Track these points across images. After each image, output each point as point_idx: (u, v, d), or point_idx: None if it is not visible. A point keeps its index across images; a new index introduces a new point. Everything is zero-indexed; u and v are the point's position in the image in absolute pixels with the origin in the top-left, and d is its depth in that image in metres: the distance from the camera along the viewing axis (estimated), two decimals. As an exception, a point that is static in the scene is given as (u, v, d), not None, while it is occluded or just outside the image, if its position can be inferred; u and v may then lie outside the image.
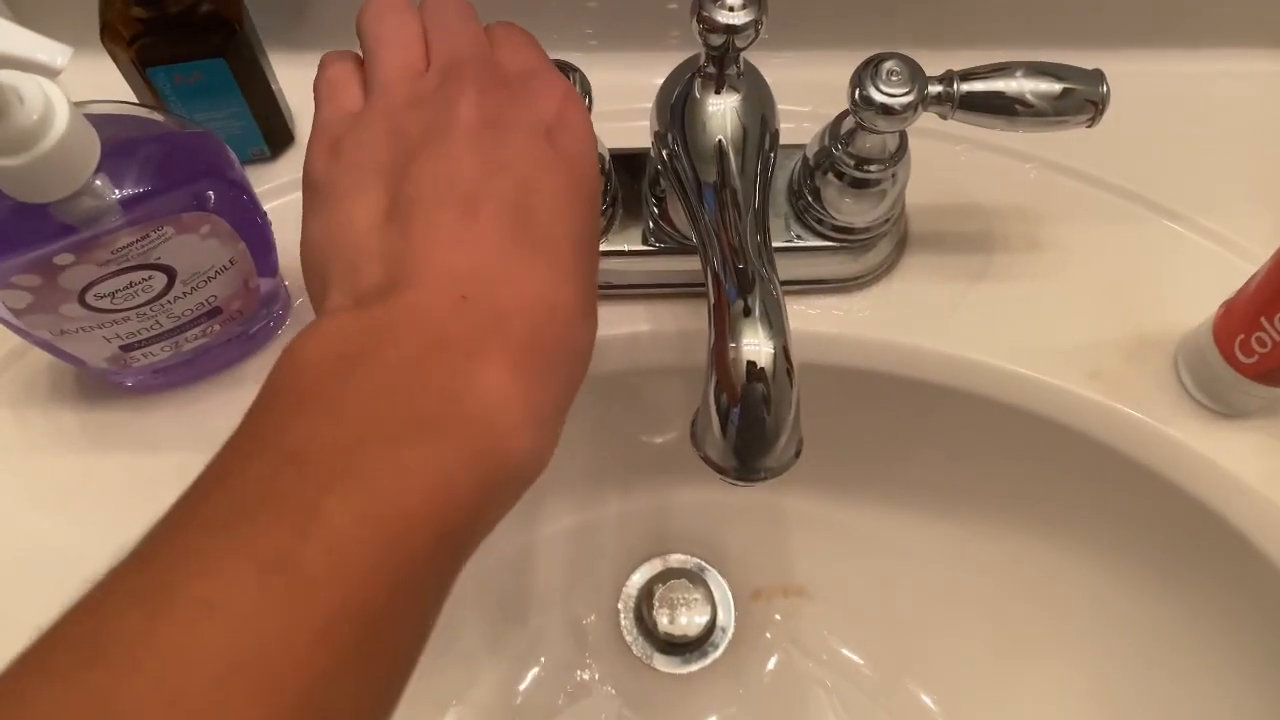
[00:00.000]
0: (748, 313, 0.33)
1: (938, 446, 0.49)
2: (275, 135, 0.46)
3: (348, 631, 0.21)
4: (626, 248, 0.43)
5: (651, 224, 0.43)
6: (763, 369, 0.33)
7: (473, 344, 0.26)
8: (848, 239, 0.43)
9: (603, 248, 0.43)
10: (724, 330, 0.33)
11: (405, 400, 0.24)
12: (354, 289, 0.27)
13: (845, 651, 0.54)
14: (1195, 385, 0.43)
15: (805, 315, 0.45)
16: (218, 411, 0.42)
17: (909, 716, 0.52)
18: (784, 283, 0.44)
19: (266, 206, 0.41)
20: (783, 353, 0.33)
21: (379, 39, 0.33)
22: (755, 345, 0.33)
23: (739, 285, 0.34)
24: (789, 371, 0.33)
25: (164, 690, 0.19)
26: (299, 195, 0.47)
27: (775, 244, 0.43)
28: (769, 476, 0.34)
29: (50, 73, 0.26)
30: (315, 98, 0.34)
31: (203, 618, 0.20)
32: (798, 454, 0.34)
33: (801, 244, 0.43)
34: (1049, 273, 0.46)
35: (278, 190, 0.46)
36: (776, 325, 0.33)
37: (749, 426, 0.33)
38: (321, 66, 0.34)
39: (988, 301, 0.45)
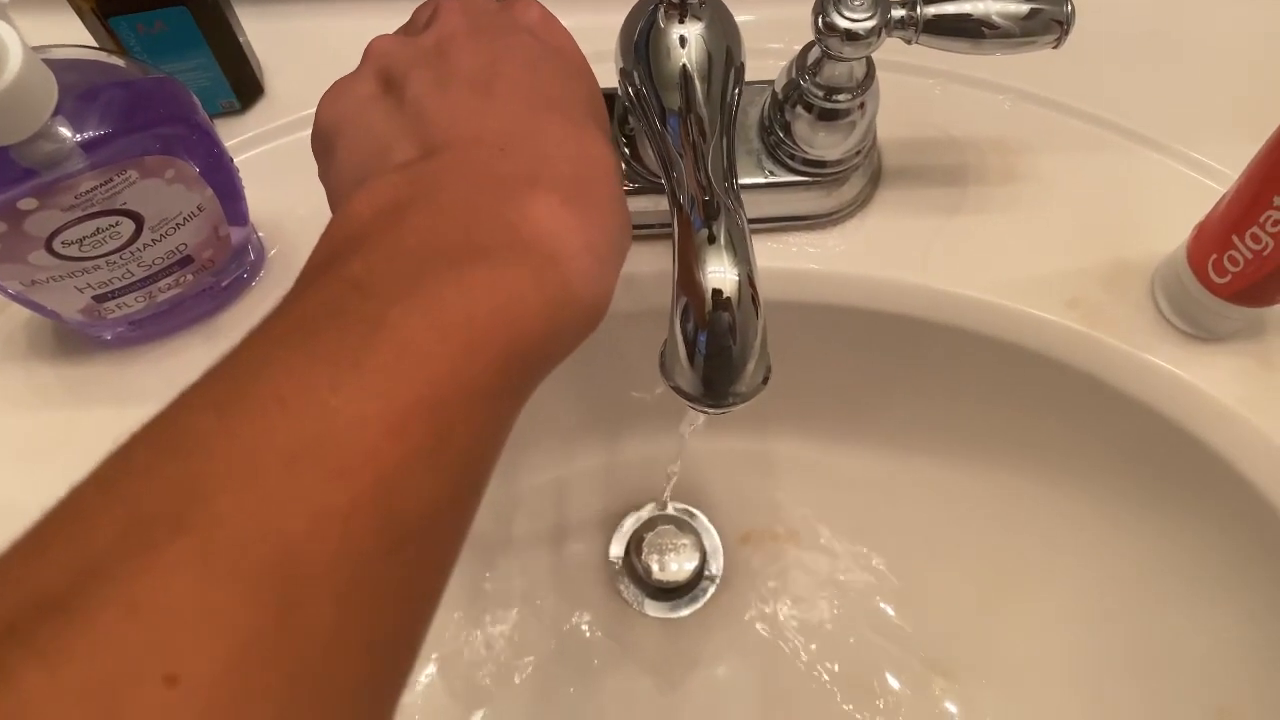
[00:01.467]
0: (712, 240, 0.33)
1: (917, 382, 0.49)
2: (244, 87, 0.46)
3: (421, 427, 0.21)
4: (598, 188, 0.43)
5: (622, 165, 0.43)
6: (728, 297, 0.33)
7: (522, 181, 0.26)
8: (820, 173, 0.43)
9: (574, 189, 0.43)
10: (689, 259, 0.33)
11: (463, 231, 0.25)
12: (389, 164, 0.28)
13: (834, 592, 0.54)
14: (1172, 310, 0.43)
15: (780, 252, 0.45)
16: (196, 363, 0.41)
17: (900, 655, 0.52)
18: (758, 220, 0.44)
19: (239, 159, 0.41)
20: (748, 280, 0.33)
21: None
22: (720, 272, 0.33)
23: (704, 214, 0.33)
24: (754, 299, 0.33)
25: (240, 473, 0.19)
26: (272, 147, 0.47)
27: (748, 181, 0.43)
28: (738, 402, 0.34)
29: (-4, 6, 0.26)
30: None
31: (275, 411, 0.20)
32: (765, 380, 0.34)
33: (774, 180, 0.43)
34: (1025, 204, 0.45)
35: (250, 142, 0.46)
36: (741, 253, 0.33)
37: (716, 354, 0.33)
38: None
39: (964, 234, 0.45)
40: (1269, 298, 0.40)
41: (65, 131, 0.32)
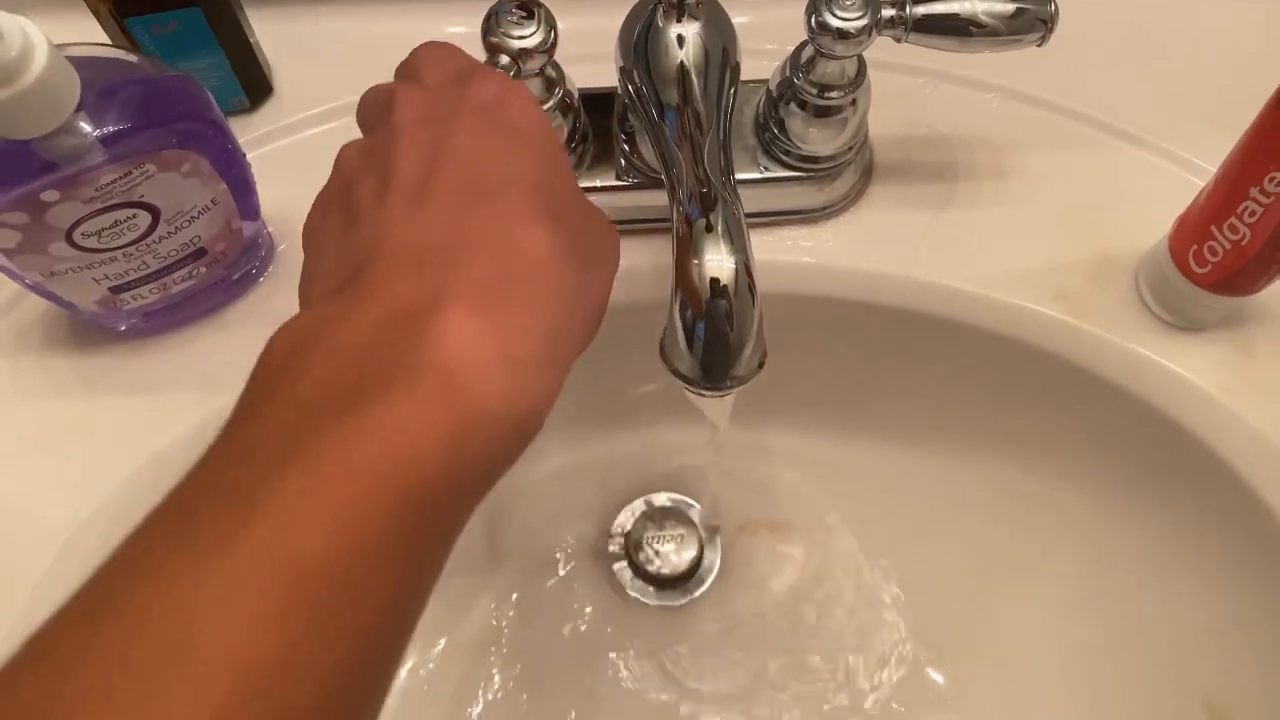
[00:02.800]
0: (709, 229, 0.34)
1: (908, 374, 0.50)
2: (254, 86, 0.47)
3: (301, 610, 0.20)
4: (599, 183, 0.44)
5: (623, 161, 0.45)
6: (725, 285, 0.34)
7: (427, 302, 0.25)
8: (814, 168, 0.44)
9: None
10: (687, 248, 0.34)
11: (355, 371, 0.24)
12: (325, 290, 0.27)
13: (828, 584, 0.55)
14: (1155, 301, 0.44)
15: (775, 245, 0.46)
16: (206, 354, 0.43)
17: (892, 642, 0.54)
18: (754, 215, 0.46)
19: (249, 156, 0.42)
20: (744, 268, 0.34)
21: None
22: (718, 261, 0.34)
23: (701, 204, 0.35)
24: (751, 286, 0.34)
25: (107, 687, 0.19)
26: (281, 145, 0.49)
27: (744, 176, 0.44)
28: (736, 385, 0.35)
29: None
30: None
31: (139, 617, 0.20)
32: (762, 364, 0.35)
33: (769, 175, 0.44)
34: (1013, 199, 0.47)
35: (260, 140, 0.47)
36: (738, 242, 0.34)
37: (714, 340, 0.35)
38: None
39: (953, 228, 0.46)
40: (1248, 287, 0.41)
41: (86, 126, 0.33)
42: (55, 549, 0.40)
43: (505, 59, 0.37)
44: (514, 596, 0.55)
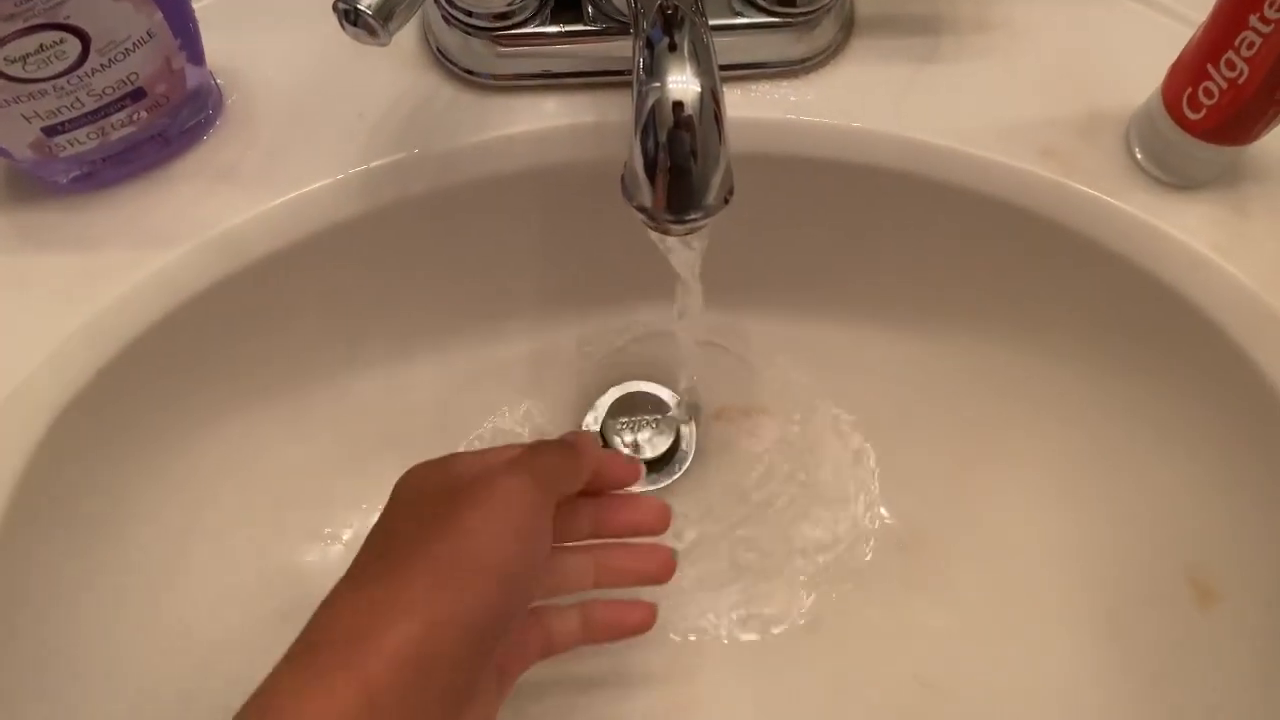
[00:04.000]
0: (673, 48, 0.32)
1: (890, 241, 0.48)
2: (200, -70, 0.44)
3: None
4: (565, 29, 0.42)
5: (590, 8, 0.42)
6: (689, 115, 0.32)
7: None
8: (791, 13, 0.42)
9: (540, 30, 0.42)
10: (650, 70, 0.32)
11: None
12: None
13: (807, 468, 0.54)
14: (1147, 157, 0.42)
15: (753, 101, 0.44)
16: (151, 210, 0.41)
17: (874, 526, 0.52)
18: (728, 67, 0.43)
19: (197, 6, 0.40)
20: (710, 93, 0.32)
21: None
22: (681, 83, 0.32)
23: (664, 23, 0.33)
24: (717, 114, 0.32)
25: None
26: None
27: (717, 22, 0.42)
28: (701, 218, 0.33)
29: None
30: None
31: None
32: (728, 199, 0.34)
33: (744, 20, 0.42)
34: (999, 53, 0.45)
35: (207, -11, 0.45)
36: (705, 64, 0.32)
37: (678, 174, 0.33)
38: None
39: (937, 83, 0.44)
40: (1244, 134, 0.39)
41: (2, -68, 0.31)
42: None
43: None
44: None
